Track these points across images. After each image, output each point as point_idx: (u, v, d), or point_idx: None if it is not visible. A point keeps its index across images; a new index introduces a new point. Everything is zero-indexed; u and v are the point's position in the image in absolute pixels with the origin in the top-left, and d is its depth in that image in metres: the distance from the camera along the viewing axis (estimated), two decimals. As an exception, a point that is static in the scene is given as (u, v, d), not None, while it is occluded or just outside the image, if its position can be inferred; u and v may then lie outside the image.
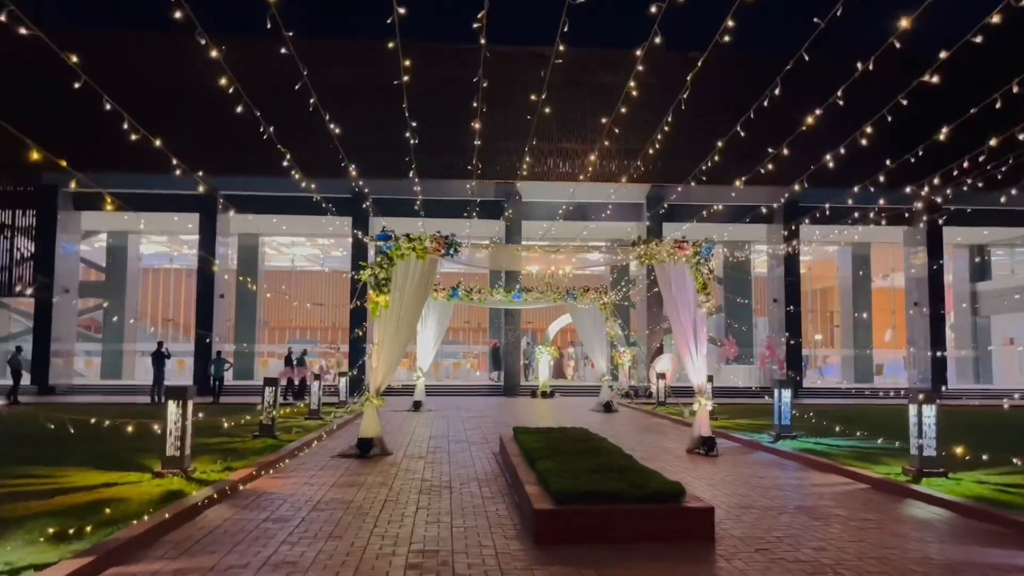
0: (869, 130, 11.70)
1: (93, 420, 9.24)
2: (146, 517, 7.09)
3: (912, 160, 14.58)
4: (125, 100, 9.41)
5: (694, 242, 12.90)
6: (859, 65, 9.74)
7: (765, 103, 11.56)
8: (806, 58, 9.73)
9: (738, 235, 34.83)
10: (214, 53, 8.60)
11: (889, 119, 10.95)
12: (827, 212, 26.94)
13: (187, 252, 38.13)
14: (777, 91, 10.57)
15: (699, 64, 10.61)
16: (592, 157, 29.17)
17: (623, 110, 13.80)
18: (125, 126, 8.97)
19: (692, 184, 25.31)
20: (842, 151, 14.04)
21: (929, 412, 10.10)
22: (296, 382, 24.53)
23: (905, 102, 10.26)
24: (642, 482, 7.22)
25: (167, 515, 7.21)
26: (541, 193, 30.90)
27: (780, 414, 14.41)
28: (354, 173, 20.87)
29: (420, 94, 29.20)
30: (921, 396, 10.12)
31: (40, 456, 11.21)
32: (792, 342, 30.39)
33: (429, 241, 12.48)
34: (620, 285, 29.97)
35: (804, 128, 12.09)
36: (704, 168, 18.69)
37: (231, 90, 9.66)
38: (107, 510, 7.38)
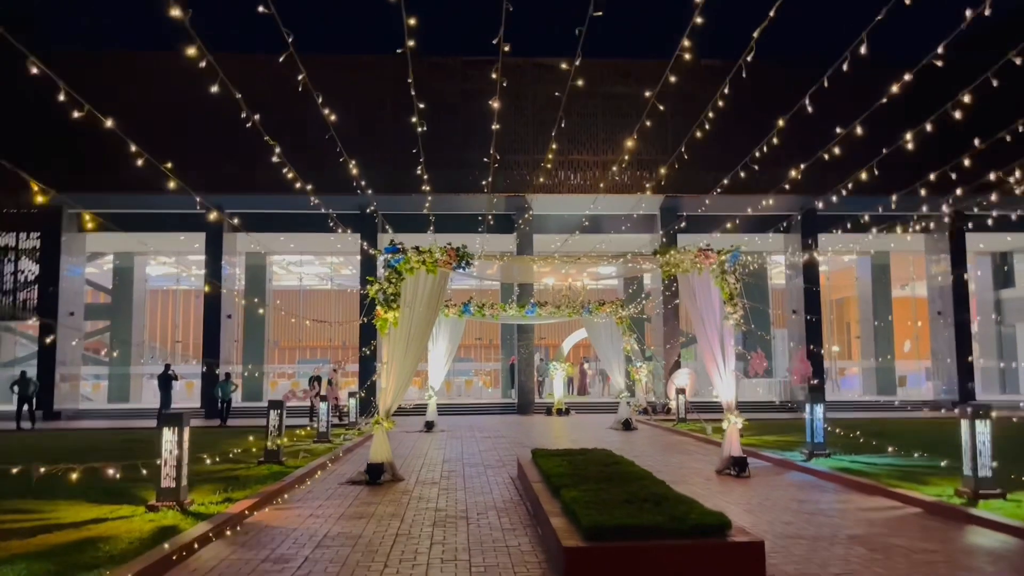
0: (885, 149, 11.03)
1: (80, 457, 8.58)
2: (130, 562, 6.40)
3: (933, 169, 14.07)
4: (128, 119, 8.86)
5: (719, 250, 12.20)
6: (886, 87, 9.08)
7: (781, 111, 11.01)
8: (830, 73, 9.05)
9: (753, 245, 34.09)
10: (208, 67, 7.92)
11: (908, 139, 10.25)
12: (848, 225, 26.30)
13: (195, 273, 37.65)
14: (805, 100, 9.96)
15: (705, 69, 9.94)
16: (609, 168, 28.55)
17: (636, 120, 13.29)
18: (133, 148, 8.37)
19: (707, 194, 24.76)
20: (862, 157, 13.45)
21: (983, 428, 9.34)
22: (320, 403, 23.57)
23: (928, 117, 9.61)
24: (682, 514, 6.48)
25: (154, 558, 6.52)
26: (553, 206, 30.27)
27: (813, 430, 13.62)
28: (364, 186, 20.34)
29: (430, 108, 28.85)
30: (973, 410, 9.36)
31: (31, 488, 10.56)
32: (818, 352, 29.52)
33: (440, 253, 11.82)
34: (637, 298, 29.25)
35: (834, 136, 11.48)
36: (721, 177, 18.06)
37: (236, 107, 9.03)
38: (90, 552, 6.71)
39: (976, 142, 11.37)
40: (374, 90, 28.73)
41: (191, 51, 7.40)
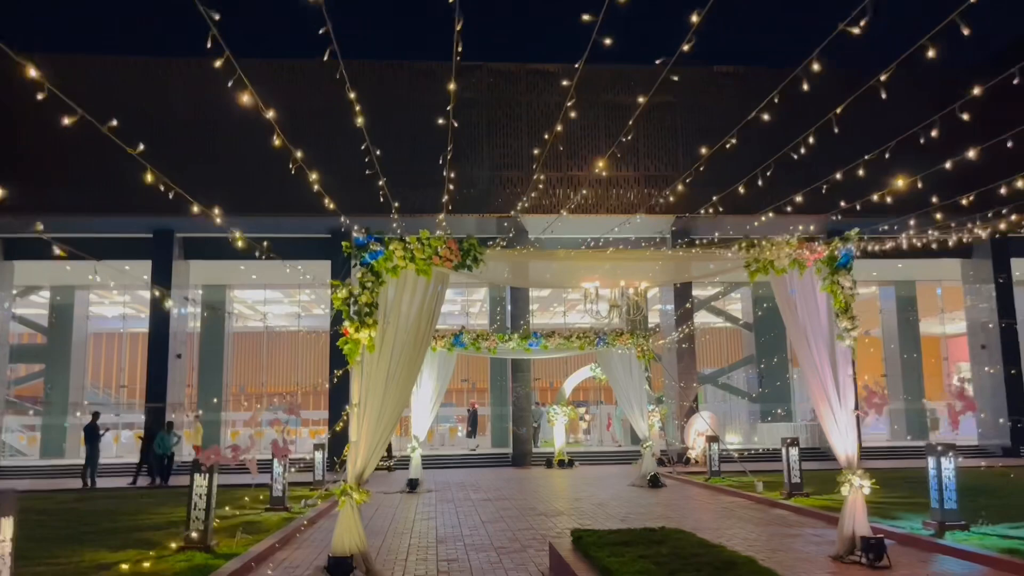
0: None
1: None
2: None
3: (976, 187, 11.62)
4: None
5: (827, 240, 8.71)
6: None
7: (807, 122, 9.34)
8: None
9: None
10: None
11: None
12: (875, 248, 23.04)
13: (144, 313, 33.54)
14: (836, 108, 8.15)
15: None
16: (612, 185, 25.27)
17: (643, 132, 10.57)
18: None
19: (723, 215, 21.53)
20: (886, 173, 11.24)
21: None
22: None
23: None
24: None
25: None
26: (551, 229, 26.77)
27: (942, 493, 10.00)
28: (331, 205, 16.79)
29: (406, 120, 25.53)
30: None
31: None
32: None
33: (440, 246, 8.21)
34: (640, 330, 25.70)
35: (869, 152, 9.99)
36: (736, 196, 15.07)
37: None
38: None
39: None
40: (342, 100, 25.23)
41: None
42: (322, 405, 31.26)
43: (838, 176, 12.29)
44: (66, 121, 6.04)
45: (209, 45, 5.91)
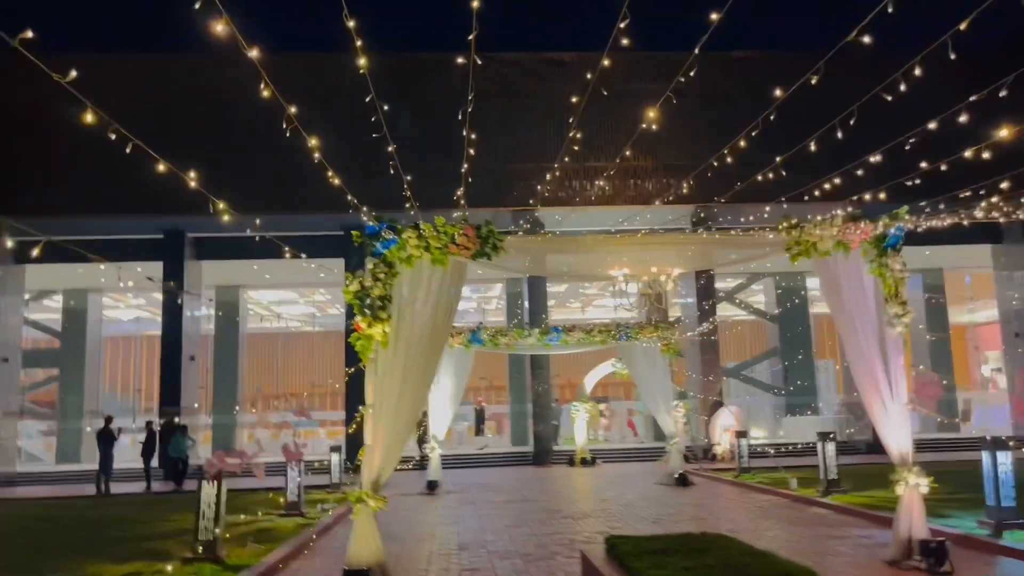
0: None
1: None
2: None
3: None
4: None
5: (875, 218, 8.06)
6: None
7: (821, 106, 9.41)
8: None
9: (793, 265, 30.05)
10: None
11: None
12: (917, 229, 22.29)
13: (158, 316, 33.24)
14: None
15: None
16: (630, 175, 24.64)
17: (661, 121, 10.28)
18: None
19: (746, 203, 20.86)
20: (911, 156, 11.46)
21: None
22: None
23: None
24: None
25: None
26: (567, 221, 26.16)
27: (998, 489, 9.33)
28: (353, 201, 16.30)
29: (420, 112, 24.98)
30: None
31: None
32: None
33: (456, 233, 7.65)
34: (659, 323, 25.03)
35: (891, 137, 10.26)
36: (759, 182, 14.44)
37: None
38: None
39: None
40: (354, 93, 24.72)
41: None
42: (339, 406, 30.87)
43: (873, 159, 11.77)
44: (88, 118, 5.65)
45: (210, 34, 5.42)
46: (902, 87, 8.31)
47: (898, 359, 7.92)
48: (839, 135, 9.96)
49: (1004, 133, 9.05)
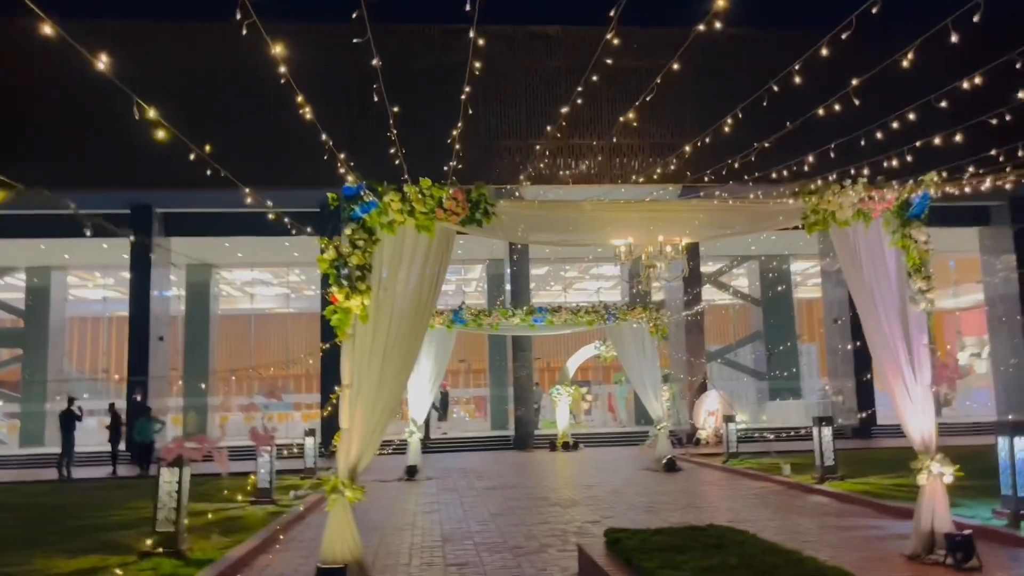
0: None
1: None
2: None
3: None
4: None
5: (899, 185, 7.43)
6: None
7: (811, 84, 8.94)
8: None
9: (777, 247, 29.62)
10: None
11: None
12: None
13: (124, 294, 32.12)
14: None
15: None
16: (616, 153, 23.95)
17: (648, 98, 9.72)
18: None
19: (733, 183, 20.25)
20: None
21: None
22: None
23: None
24: None
25: None
26: (551, 199, 25.42)
27: (1015, 478, 8.81)
28: (345, 169, 15.42)
29: (398, 85, 24.03)
30: None
31: None
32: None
33: (444, 196, 6.92)
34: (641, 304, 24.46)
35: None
36: (748, 163, 13.86)
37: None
38: None
39: None
40: (333, 64, 23.74)
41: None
42: (314, 388, 30.01)
43: (866, 138, 11.30)
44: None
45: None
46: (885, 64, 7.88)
47: (921, 338, 7.32)
48: (819, 114, 9.62)
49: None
